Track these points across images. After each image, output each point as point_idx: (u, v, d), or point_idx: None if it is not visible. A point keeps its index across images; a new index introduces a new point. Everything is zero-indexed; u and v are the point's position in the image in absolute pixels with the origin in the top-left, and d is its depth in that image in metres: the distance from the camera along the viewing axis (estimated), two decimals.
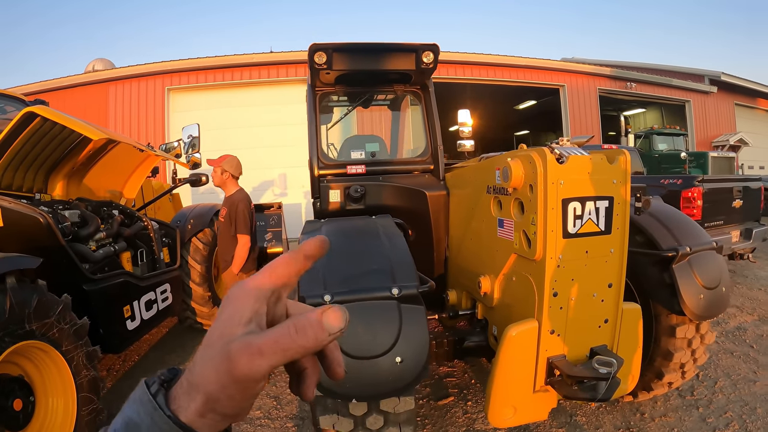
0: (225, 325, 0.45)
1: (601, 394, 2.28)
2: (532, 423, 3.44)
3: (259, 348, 0.42)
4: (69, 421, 2.94)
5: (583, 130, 15.70)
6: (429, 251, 3.89)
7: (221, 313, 0.46)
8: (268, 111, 13.19)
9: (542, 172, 2.29)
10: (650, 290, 3.19)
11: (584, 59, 19.71)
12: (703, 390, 3.84)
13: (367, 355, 2.19)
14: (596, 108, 16.23)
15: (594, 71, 16.58)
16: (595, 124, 16.05)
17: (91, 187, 5.07)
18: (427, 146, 4.22)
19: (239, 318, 0.45)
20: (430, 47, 3.79)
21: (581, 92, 16.08)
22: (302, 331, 0.43)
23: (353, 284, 2.39)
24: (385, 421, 2.42)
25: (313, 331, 0.43)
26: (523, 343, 2.40)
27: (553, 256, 2.34)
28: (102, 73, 13.02)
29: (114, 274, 4.04)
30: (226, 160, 4.28)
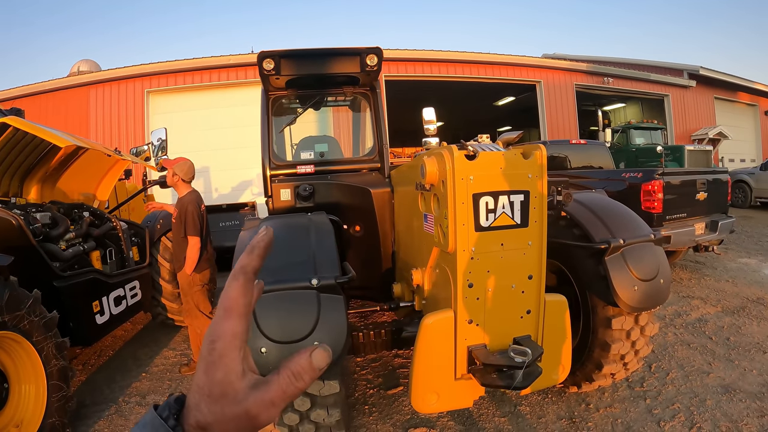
0: (225, 386, 0.48)
1: (517, 383, 2.27)
2: (473, 411, 3.44)
3: (271, 400, 0.48)
4: (40, 406, 3.13)
5: (561, 125, 15.67)
6: (376, 246, 3.96)
7: (214, 372, 0.48)
8: (246, 112, 13.05)
9: (451, 168, 2.29)
10: (587, 282, 3.17)
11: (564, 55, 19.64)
12: (653, 381, 3.77)
13: (287, 339, 2.26)
14: (573, 103, 16.17)
15: (570, 67, 16.53)
16: (572, 119, 15.99)
17: (64, 190, 5.19)
18: (374, 145, 4.26)
19: (234, 374, 0.49)
20: (373, 50, 3.88)
21: (558, 88, 16.01)
22: (299, 376, 0.49)
23: (278, 275, 2.44)
24: (312, 403, 2.48)
25: (308, 375, 0.49)
26: (439, 331, 2.40)
27: (466, 249, 2.34)
28: (83, 77, 13.01)
29: (83, 271, 4.18)
30: (178, 163, 4.28)
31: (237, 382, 0.48)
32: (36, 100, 12.81)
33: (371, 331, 3.19)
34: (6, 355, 3.08)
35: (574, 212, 3.23)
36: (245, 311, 0.51)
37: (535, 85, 16.03)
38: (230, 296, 0.51)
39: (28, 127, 3.90)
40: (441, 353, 2.43)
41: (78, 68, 13.57)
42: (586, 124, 17.37)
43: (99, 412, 3.88)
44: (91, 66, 13.86)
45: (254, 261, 0.53)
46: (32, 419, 3.09)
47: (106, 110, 12.93)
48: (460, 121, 22.41)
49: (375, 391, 3.86)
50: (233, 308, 0.51)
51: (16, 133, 4.09)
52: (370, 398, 3.74)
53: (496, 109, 21.47)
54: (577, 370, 3.31)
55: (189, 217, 4.16)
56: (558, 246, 3.25)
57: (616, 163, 11.80)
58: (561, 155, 8.69)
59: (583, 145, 9.25)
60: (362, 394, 3.83)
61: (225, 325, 0.50)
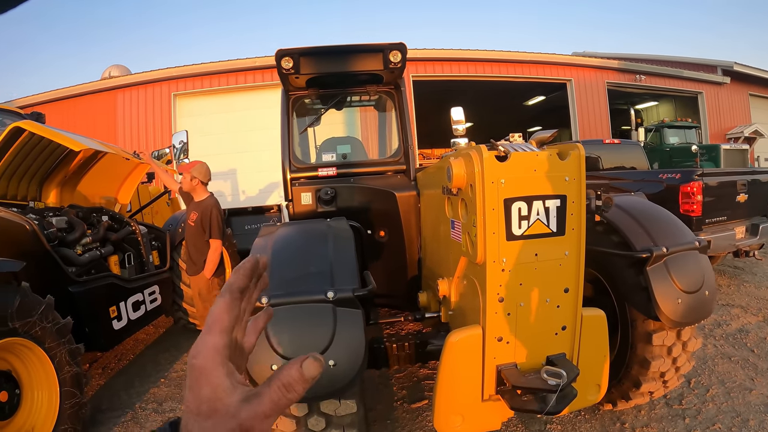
0: (214, 402, 0.48)
1: (550, 407, 2.04)
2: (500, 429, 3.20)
3: (264, 413, 0.47)
4: (52, 413, 3.08)
5: (592, 125, 15.17)
6: (402, 252, 3.75)
7: (198, 388, 0.48)
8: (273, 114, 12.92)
9: (480, 170, 2.06)
10: (626, 294, 2.89)
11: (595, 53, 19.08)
12: (693, 398, 3.47)
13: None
14: (605, 102, 15.63)
15: (601, 65, 15.98)
16: (603, 118, 15.47)
17: (85, 194, 5.14)
18: (400, 146, 4.04)
19: (222, 390, 0.48)
20: (397, 46, 3.65)
21: (589, 86, 15.49)
22: (291, 388, 0.48)
23: (291, 287, 2.26)
24: (327, 423, 2.29)
25: (300, 386, 0.49)
26: (466, 350, 2.18)
27: (496, 260, 2.10)
28: (110, 81, 13.06)
29: (100, 276, 4.10)
30: (195, 166, 4.17)
31: (226, 398, 0.48)
32: (65, 104, 12.94)
33: (394, 343, 2.99)
34: (18, 361, 3.05)
35: (612, 217, 2.95)
36: (228, 327, 0.52)
37: (565, 83, 15.56)
38: (214, 312, 0.52)
39: (43, 131, 3.86)
40: (467, 373, 2.21)
41: (109, 73, 13.64)
42: (618, 123, 16.84)
43: (115, 418, 3.78)
44: (122, 71, 13.92)
45: (239, 280, 0.55)
46: (44, 426, 3.04)
47: (134, 114, 12.97)
48: (491, 122, 21.97)
49: (398, 404, 3.66)
50: (216, 323, 0.51)
51: (32, 137, 4.03)
52: (393, 412, 3.54)
53: (527, 109, 21.01)
54: (613, 388, 3.02)
55: (214, 221, 4.08)
56: (595, 254, 2.98)
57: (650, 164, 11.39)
58: (593, 155, 8.34)
59: (616, 144, 8.88)
60: (385, 407, 3.62)
61: (206, 340, 0.50)
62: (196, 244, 4.17)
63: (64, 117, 12.65)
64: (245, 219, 7.68)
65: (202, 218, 4.08)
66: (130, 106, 12.97)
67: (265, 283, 0.62)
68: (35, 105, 12.54)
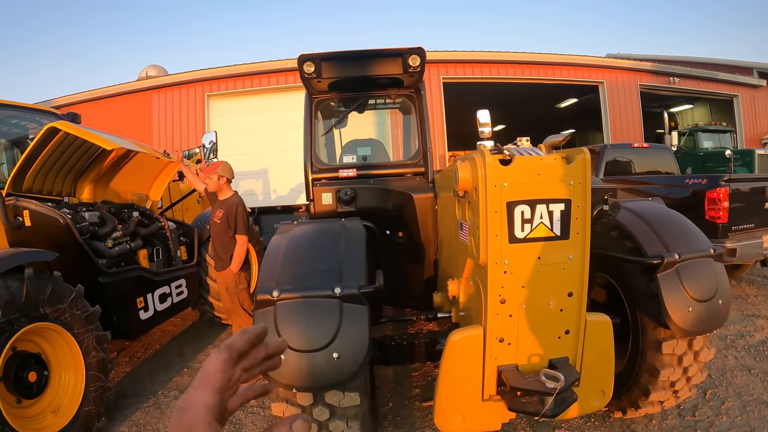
0: None
1: (547, 410, 2.05)
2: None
3: None
4: (78, 394, 3.28)
5: (625, 128, 14.80)
6: (419, 253, 3.81)
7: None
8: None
9: (483, 174, 2.08)
10: (637, 300, 2.84)
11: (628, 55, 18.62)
12: (706, 410, 3.36)
13: (306, 348, 2.16)
14: (637, 105, 15.20)
15: (634, 66, 15.54)
16: (636, 121, 15.07)
17: (118, 190, 5.34)
18: (419, 149, 4.08)
19: None
20: (415, 51, 3.71)
21: (621, 89, 15.10)
22: None
23: (301, 282, 2.35)
24: (331, 413, 2.37)
25: None
26: (467, 349, 2.21)
27: (498, 262, 2.12)
28: (145, 82, 13.36)
29: (128, 268, 4.28)
30: (220, 166, 4.26)
31: None
32: (103, 103, 13.31)
33: (404, 341, 3.04)
34: (48, 344, 3.25)
35: (625, 222, 2.92)
36: (221, 386, 0.51)
37: (597, 85, 15.21)
38: (209, 368, 0.52)
39: (76, 131, 4.02)
40: (468, 372, 2.24)
41: (146, 73, 13.96)
42: (652, 126, 16.40)
43: (138, 403, 3.94)
44: (159, 71, 14.19)
45: (241, 344, 0.56)
46: (69, 406, 3.23)
47: (168, 114, 13.26)
48: (522, 124, 21.61)
49: (409, 402, 3.69)
50: (209, 380, 0.51)
51: (67, 137, 4.20)
52: (403, 410, 3.58)
53: (559, 112, 20.62)
54: (623, 395, 3.00)
55: (240, 217, 4.19)
56: (608, 259, 2.97)
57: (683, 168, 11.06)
58: (623, 159, 8.20)
59: (645, 148, 8.68)
60: (397, 405, 3.67)
61: (197, 396, 0.50)
62: (222, 241, 4.26)
63: (101, 116, 13.04)
64: (274, 217, 7.85)
65: (227, 215, 4.18)
66: (165, 107, 13.27)
67: (276, 364, 0.64)
68: (74, 104, 13.00)
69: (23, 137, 5.05)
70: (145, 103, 13.26)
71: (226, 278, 4.25)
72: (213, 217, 4.33)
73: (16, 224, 3.70)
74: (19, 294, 2.89)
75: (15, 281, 2.91)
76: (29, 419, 3.03)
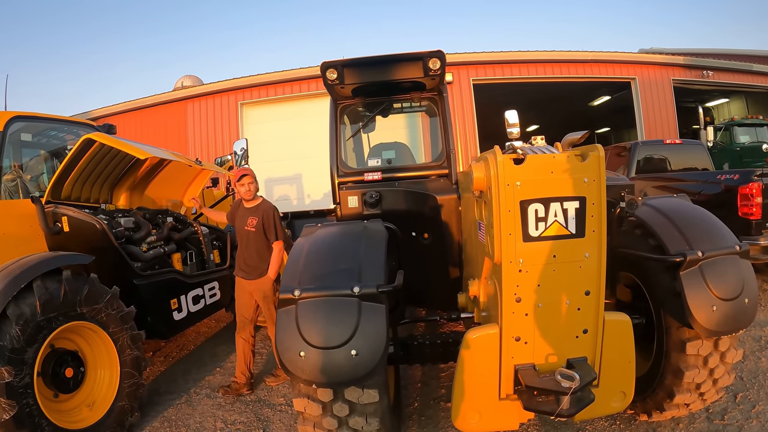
0: None
1: (562, 410, 2.04)
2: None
3: None
4: (112, 390, 3.44)
5: (658, 124, 14.36)
6: (443, 254, 3.82)
7: None
8: None
9: (495, 173, 2.09)
10: (661, 299, 2.77)
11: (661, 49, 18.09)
12: (736, 414, 3.23)
13: (325, 345, 2.21)
14: (671, 100, 14.69)
15: (666, 61, 15.02)
16: (670, 117, 14.58)
17: (153, 197, 5.54)
18: (443, 151, 4.10)
19: None
20: (435, 54, 3.71)
21: (654, 84, 14.62)
22: None
23: (321, 281, 2.40)
24: (351, 410, 2.40)
25: None
26: (483, 347, 2.22)
27: (513, 260, 2.13)
28: (180, 92, 13.69)
29: (162, 271, 4.43)
30: (250, 173, 4.14)
31: None
32: (139, 114, 13.73)
33: (427, 341, 3.07)
34: (84, 342, 3.42)
35: (648, 220, 2.85)
36: None
37: (629, 82, 14.80)
38: None
39: (111, 142, 4.17)
40: (484, 371, 2.25)
41: (182, 83, 14.34)
42: (687, 122, 15.91)
43: (170, 400, 4.08)
44: (194, 81, 14.55)
45: None
46: (104, 401, 3.39)
47: (203, 122, 13.54)
48: (555, 124, 21.24)
49: (434, 402, 3.70)
50: None
51: (102, 147, 4.37)
52: (428, 409, 3.59)
53: (592, 110, 20.20)
54: (648, 397, 2.93)
55: (277, 222, 4.10)
56: (632, 257, 2.91)
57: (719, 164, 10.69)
58: (656, 156, 8.00)
59: (678, 144, 8.46)
60: (422, 405, 3.68)
61: None
62: (258, 249, 4.12)
63: (138, 126, 13.47)
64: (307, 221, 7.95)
65: (263, 222, 4.06)
66: (200, 116, 13.56)
67: None
68: (111, 115, 13.42)
69: (61, 148, 5.26)
70: (180, 113, 13.60)
71: (263, 286, 4.12)
72: (244, 225, 4.13)
73: (55, 230, 3.87)
74: (57, 294, 3.04)
75: (54, 282, 3.07)
76: (65, 413, 3.18)
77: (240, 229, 4.19)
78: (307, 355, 2.19)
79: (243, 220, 4.16)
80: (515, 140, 3.74)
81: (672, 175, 7.37)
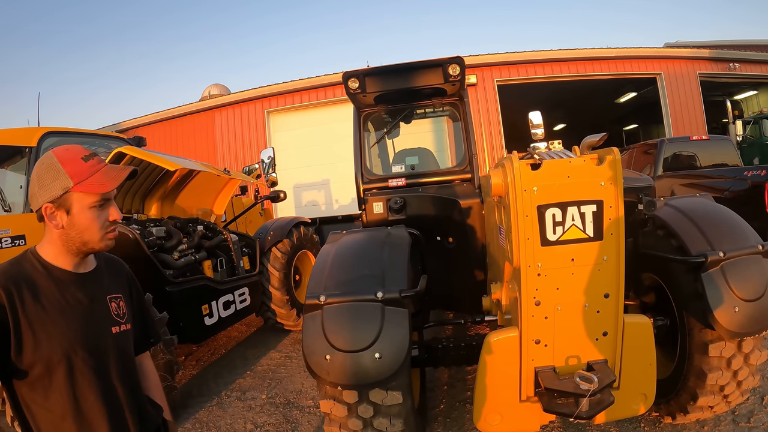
0: None
1: (581, 412, 2.06)
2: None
3: None
4: None
5: (686, 120, 14.03)
6: (467, 258, 3.84)
7: None
8: None
9: (512, 179, 2.12)
10: (683, 301, 2.75)
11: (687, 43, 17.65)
12: (763, 417, 3.14)
13: (350, 348, 2.27)
14: (698, 94, 14.34)
15: (691, 55, 14.67)
16: (698, 111, 14.22)
17: (183, 206, 5.69)
18: (465, 155, 4.13)
19: None
20: (455, 60, 3.76)
21: (680, 79, 14.31)
22: None
23: (346, 287, 2.46)
24: (375, 411, 2.46)
25: None
26: (503, 350, 2.25)
27: (531, 264, 2.15)
28: (207, 102, 13.94)
29: (194, 278, 4.55)
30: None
31: None
32: (168, 124, 14.08)
33: (451, 344, 3.10)
34: None
35: (669, 220, 2.82)
36: None
37: (655, 77, 14.52)
38: None
39: (141, 154, 4.33)
40: (505, 373, 2.28)
41: (209, 92, 14.60)
42: (715, 116, 15.50)
43: (202, 402, 4.20)
44: (221, 90, 14.79)
45: None
46: None
47: (231, 131, 13.78)
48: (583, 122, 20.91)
49: (460, 404, 3.72)
50: None
51: (133, 160, 4.53)
52: (453, 411, 3.62)
53: (619, 107, 19.84)
54: (672, 400, 2.90)
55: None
56: (655, 259, 2.89)
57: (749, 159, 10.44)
58: (683, 153, 7.87)
59: (705, 141, 8.29)
60: (447, 407, 3.71)
61: None
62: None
63: (166, 137, 13.81)
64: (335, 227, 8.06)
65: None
66: (228, 124, 13.81)
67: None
68: (140, 126, 13.81)
69: None
70: (208, 122, 13.88)
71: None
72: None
73: None
74: None
75: None
76: None
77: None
78: (332, 358, 2.25)
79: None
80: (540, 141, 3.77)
81: (699, 172, 7.23)
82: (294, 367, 4.87)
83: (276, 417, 3.83)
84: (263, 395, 4.24)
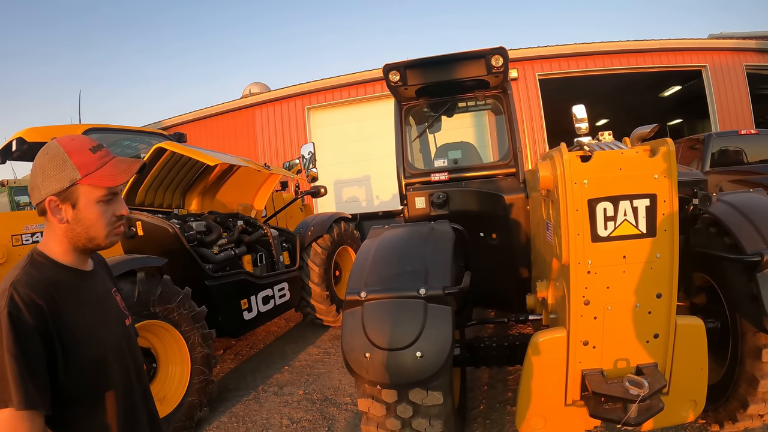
0: None
1: (629, 418, 1.96)
2: None
3: None
4: (183, 386, 3.60)
5: (733, 113, 13.38)
6: (512, 254, 3.73)
7: None
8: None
9: (562, 172, 2.03)
10: (736, 302, 2.59)
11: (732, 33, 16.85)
12: None
13: (391, 347, 2.21)
14: (744, 87, 13.62)
15: (737, 46, 13.97)
16: (744, 105, 13.51)
17: (224, 201, 5.73)
18: (509, 149, 4.02)
19: None
20: (497, 51, 3.61)
21: (726, 71, 13.64)
22: None
23: (387, 283, 2.41)
24: (414, 411, 2.40)
25: None
26: (550, 352, 2.16)
27: (581, 261, 2.05)
28: (248, 99, 14.06)
29: (233, 273, 4.58)
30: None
31: None
32: (209, 122, 14.30)
33: (494, 344, 3.02)
34: (157, 340, 3.59)
35: (723, 217, 2.67)
36: None
37: (700, 70, 13.87)
38: None
39: (180, 149, 4.39)
40: (551, 375, 2.19)
41: (249, 90, 14.77)
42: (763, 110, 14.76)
43: (239, 396, 4.22)
44: (261, 87, 14.92)
45: None
46: (174, 396, 3.56)
47: (271, 128, 13.88)
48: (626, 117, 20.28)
49: (500, 405, 3.62)
50: None
51: (173, 155, 4.60)
52: (493, 413, 3.52)
53: (663, 101, 19.08)
54: (720, 407, 2.74)
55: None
56: (706, 258, 2.75)
57: None
58: (731, 148, 7.52)
59: (754, 135, 7.91)
60: (487, 408, 3.62)
61: None
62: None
63: (208, 134, 14.04)
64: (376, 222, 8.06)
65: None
66: (268, 121, 13.91)
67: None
68: (182, 124, 14.07)
69: (135, 157, 5.50)
70: (249, 119, 14.02)
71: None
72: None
73: (129, 234, 4.07)
74: (131, 295, 3.19)
75: (128, 284, 3.23)
76: None
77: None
78: (372, 356, 2.20)
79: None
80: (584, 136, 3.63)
81: (748, 168, 6.90)
82: (332, 363, 4.85)
83: (312, 413, 3.81)
84: (300, 391, 4.23)
